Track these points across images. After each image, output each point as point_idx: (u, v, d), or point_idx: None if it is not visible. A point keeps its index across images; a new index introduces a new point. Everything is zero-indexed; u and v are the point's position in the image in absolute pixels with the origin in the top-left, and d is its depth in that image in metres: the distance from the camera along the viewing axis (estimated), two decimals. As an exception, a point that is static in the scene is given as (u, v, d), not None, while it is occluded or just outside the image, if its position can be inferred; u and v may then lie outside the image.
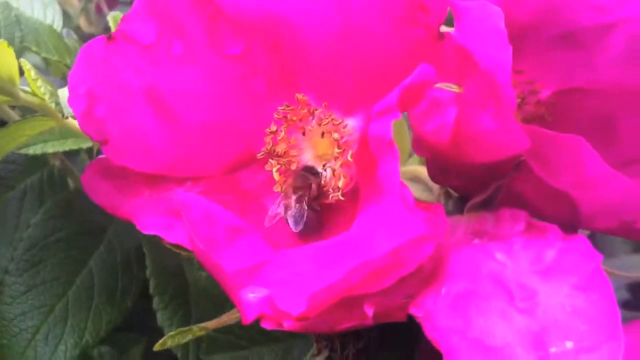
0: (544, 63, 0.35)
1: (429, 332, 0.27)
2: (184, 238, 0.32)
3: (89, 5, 0.76)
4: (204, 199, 0.31)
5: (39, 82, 0.33)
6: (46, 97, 0.33)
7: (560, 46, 0.34)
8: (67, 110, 0.33)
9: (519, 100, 0.36)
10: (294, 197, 0.32)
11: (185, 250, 0.32)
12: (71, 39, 0.53)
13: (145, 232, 0.32)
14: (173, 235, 0.32)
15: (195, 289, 0.48)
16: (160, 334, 0.45)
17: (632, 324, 0.34)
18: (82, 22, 0.76)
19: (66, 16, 0.73)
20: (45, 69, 0.56)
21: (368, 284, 0.26)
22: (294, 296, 0.26)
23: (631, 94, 0.35)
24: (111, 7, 0.77)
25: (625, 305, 0.68)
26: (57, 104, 0.34)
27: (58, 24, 0.51)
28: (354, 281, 0.26)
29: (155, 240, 0.48)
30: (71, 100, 0.32)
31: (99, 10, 0.79)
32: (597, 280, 0.27)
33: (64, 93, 0.34)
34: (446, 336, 0.26)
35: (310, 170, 0.33)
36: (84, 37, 0.72)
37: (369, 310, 0.26)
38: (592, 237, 0.32)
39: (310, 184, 0.32)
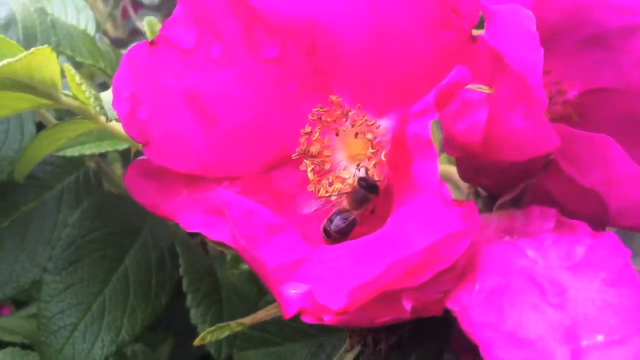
0: (571, 63, 0.36)
1: (465, 326, 0.28)
2: (226, 236, 0.33)
3: (115, 9, 0.77)
4: (243, 198, 0.32)
5: (84, 87, 0.35)
6: (90, 101, 0.34)
7: (587, 47, 0.35)
8: (112, 113, 0.35)
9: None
10: (350, 212, 0.33)
11: (227, 247, 0.33)
12: (104, 43, 0.55)
13: (189, 230, 0.34)
14: (216, 234, 0.33)
15: (226, 287, 0.49)
16: (185, 333, 0.46)
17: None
18: (108, 27, 0.78)
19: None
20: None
21: (406, 279, 0.27)
22: (334, 291, 0.28)
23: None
24: (136, 11, 0.79)
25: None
26: (101, 107, 0.35)
27: (91, 29, 0.52)
28: (393, 276, 0.27)
29: (187, 240, 0.49)
30: (115, 103, 0.33)
31: (124, 14, 0.80)
32: (626, 275, 0.28)
33: (106, 97, 0.36)
34: (481, 330, 0.27)
35: (366, 183, 0.34)
36: (110, 41, 0.74)
37: (407, 305, 0.27)
38: (624, 236, 0.33)
39: (369, 200, 0.33)
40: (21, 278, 0.46)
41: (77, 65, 0.52)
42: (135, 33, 0.76)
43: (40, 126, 0.47)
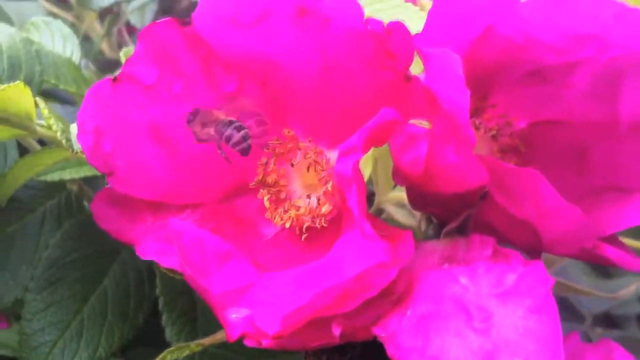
0: (516, 97, 0.38)
1: (391, 351, 0.30)
2: (176, 263, 0.36)
3: (111, 30, 0.81)
4: (195, 227, 0.35)
5: (52, 120, 0.37)
6: (58, 134, 0.37)
7: (530, 82, 0.37)
8: (77, 145, 0.38)
9: (493, 132, 0.39)
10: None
11: (179, 274, 0.36)
12: (89, 70, 0.58)
13: (143, 257, 0.36)
14: (167, 261, 0.36)
15: (202, 306, 0.52)
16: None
17: (599, 344, 0.37)
18: (105, 47, 0.81)
19: (89, 41, 0.79)
20: (73, 98, 0.61)
21: (335, 306, 0.29)
22: (271, 316, 0.30)
23: (600, 125, 0.38)
24: (130, 32, 0.82)
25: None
26: (68, 140, 0.38)
27: (77, 57, 0.55)
28: (322, 303, 0.29)
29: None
30: (80, 136, 0.36)
31: (120, 35, 0.84)
32: (547, 303, 0.30)
33: (74, 129, 0.39)
34: (407, 354, 0.30)
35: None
36: (106, 62, 0.77)
37: (336, 330, 0.30)
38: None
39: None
40: (4, 297, 0.49)
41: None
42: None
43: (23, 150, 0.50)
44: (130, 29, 0.84)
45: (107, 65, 0.75)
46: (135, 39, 0.78)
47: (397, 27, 0.32)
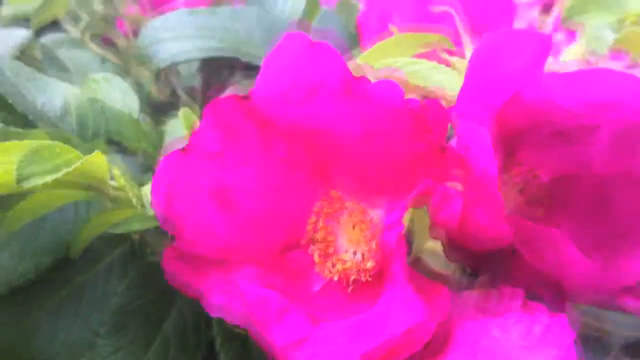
0: (542, 155, 0.42)
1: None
2: (239, 319, 0.40)
3: (159, 74, 0.86)
4: (257, 286, 0.39)
5: (128, 187, 0.42)
6: (134, 200, 0.42)
7: (554, 141, 0.41)
8: (151, 210, 0.42)
9: (521, 186, 0.44)
10: None
11: (243, 329, 0.40)
12: (145, 123, 0.63)
13: (212, 314, 0.40)
14: (230, 317, 0.40)
15: (256, 347, 0.56)
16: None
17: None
18: (152, 89, 0.87)
19: (139, 86, 0.84)
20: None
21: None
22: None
23: (622, 178, 0.41)
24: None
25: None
26: (143, 205, 0.43)
27: (135, 112, 0.60)
28: (373, 357, 0.34)
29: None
30: (154, 201, 0.40)
31: (167, 78, 0.89)
32: (571, 354, 0.34)
33: (145, 192, 0.44)
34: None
35: None
36: (154, 105, 0.83)
37: (385, 382, 0.34)
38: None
39: None
40: (77, 344, 0.53)
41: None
42: (175, 95, 0.85)
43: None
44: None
45: (157, 108, 0.81)
46: (179, 80, 0.84)
47: (433, 105, 0.36)
